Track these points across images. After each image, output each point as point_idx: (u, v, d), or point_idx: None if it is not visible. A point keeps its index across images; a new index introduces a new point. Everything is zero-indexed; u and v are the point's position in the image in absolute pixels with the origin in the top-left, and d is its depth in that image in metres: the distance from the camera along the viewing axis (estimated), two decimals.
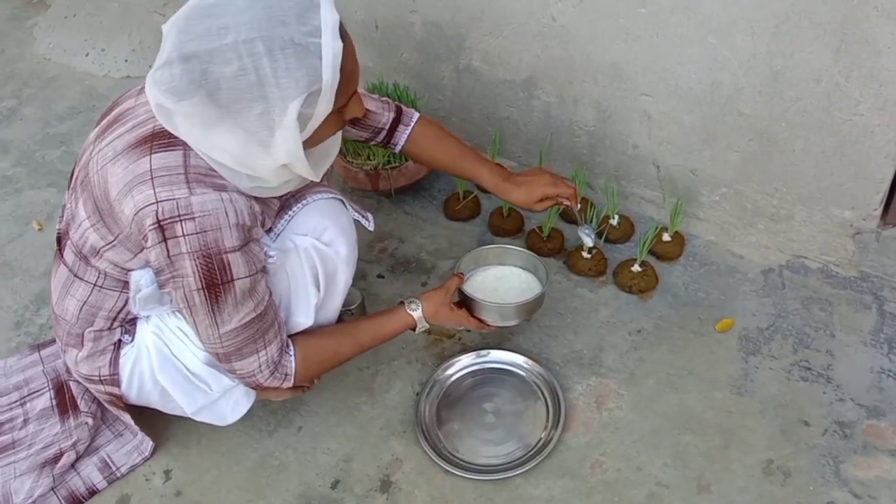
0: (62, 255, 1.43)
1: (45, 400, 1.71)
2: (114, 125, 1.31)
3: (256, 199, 1.29)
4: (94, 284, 1.39)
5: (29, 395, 1.73)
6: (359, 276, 1.88)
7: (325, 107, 1.17)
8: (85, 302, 1.41)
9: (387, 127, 1.63)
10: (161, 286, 1.30)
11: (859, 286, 1.72)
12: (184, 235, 1.20)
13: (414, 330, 1.53)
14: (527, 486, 1.47)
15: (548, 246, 1.87)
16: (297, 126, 1.15)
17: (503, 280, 1.64)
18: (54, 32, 2.91)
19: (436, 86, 2.11)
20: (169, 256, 1.22)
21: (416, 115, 1.66)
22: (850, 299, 1.70)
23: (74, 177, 1.40)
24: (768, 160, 1.66)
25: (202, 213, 1.20)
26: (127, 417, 1.56)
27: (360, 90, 1.34)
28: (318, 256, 1.40)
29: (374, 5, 2.05)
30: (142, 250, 1.28)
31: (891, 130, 1.48)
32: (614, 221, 1.89)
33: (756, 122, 1.62)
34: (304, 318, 1.43)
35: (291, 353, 1.40)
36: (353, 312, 1.70)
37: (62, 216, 1.45)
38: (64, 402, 1.69)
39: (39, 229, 2.16)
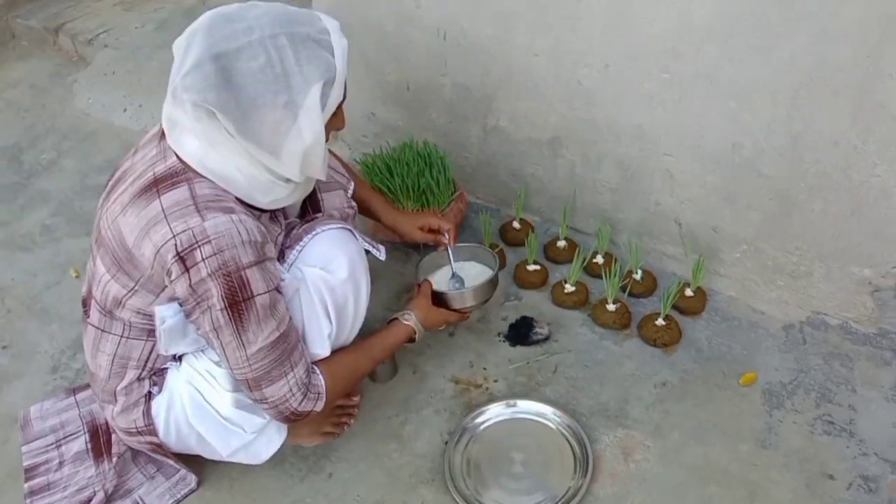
0: (88, 317, 1.50)
1: (80, 443, 1.75)
2: (117, 185, 1.40)
3: (263, 219, 1.39)
4: (121, 336, 1.45)
5: (65, 437, 1.77)
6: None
7: (338, 94, 1.31)
8: (115, 354, 1.47)
9: (350, 189, 1.74)
10: (188, 315, 1.36)
11: (879, 343, 1.75)
12: (203, 260, 1.27)
13: (413, 339, 1.65)
14: None
15: (572, 298, 1.92)
16: (320, 106, 1.27)
17: (460, 274, 1.82)
18: (94, 88, 3.04)
19: (463, 144, 2.19)
20: (191, 285, 1.29)
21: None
22: (870, 355, 1.73)
23: (91, 242, 1.48)
24: (788, 219, 1.72)
25: (217, 235, 1.27)
26: (171, 462, 1.60)
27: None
28: (325, 287, 1.46)
29: (407, 68, 2.15)
30: (163, 290, 1.35)
31: None
32: (637, 276, 1.94)
33: (776, 183, 1.69)
34: (320, 350, 1.49)
35: (318, 371, 1.45)
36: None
37: (84, 284, 1.52)
38: (98, 445, 1.73)
39: (77, 277, 2.23)
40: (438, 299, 1.72)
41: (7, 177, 2.67)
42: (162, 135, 1.38)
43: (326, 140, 1.38)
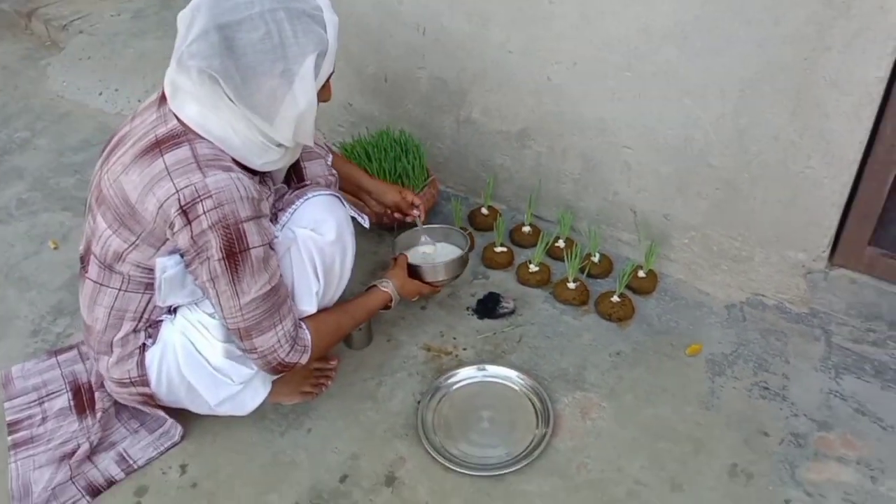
0: (87, 273, 1.58)
1: (63, 400, 1.81)
2: (117, 148, 1.49)
3: (257, 180, 1.51)
4: (119, 289, 1.53)
5: (47, 395, 1.83)
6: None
7: (329, 65, 1.44)
8: (112, 307, 1.55)
9: (328, 159, 1.86)
10: (188, 265, 1.46)
11: (810, 321, 1.94)
12: (205, 213, 1.38)
13: (389, 305, 1.78)
14: (520, 483, 1.62)
15: (535, 277, 2.07)
16: (314, 75, 1.40)
17: (430, 253, 1.98)
18: (68, 72, 3.09)
19: (437, 134, 2.33)
20: (193, 236, 1.40)
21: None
22: (803, 332, 1.92)
23: (88, 202, 1.57)
24: (733, 207, 1.91)
25: (217, 190, 1.38)
26: (160, 413, 1.68)
27: None
28: (315, 248, 1.59)
29: (385, 61, 2.28)
30: (164, 243, 1.45)
31: (836, 183, 1.73)
32: (596, 259, 2.10)
33: (723, 173, 1.87)
34: (308, 307, 1.60)
35: (305, 327, 1.57)
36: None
37: (82, 242, 1.60)
38: (81, 402, 1.80)
39: (55, 248, 2.29)
40: (413, 272, 1.85)
41: None
42: (160, 101, 1.48)
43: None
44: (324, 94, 1.52)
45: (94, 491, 1.64)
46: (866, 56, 1.54)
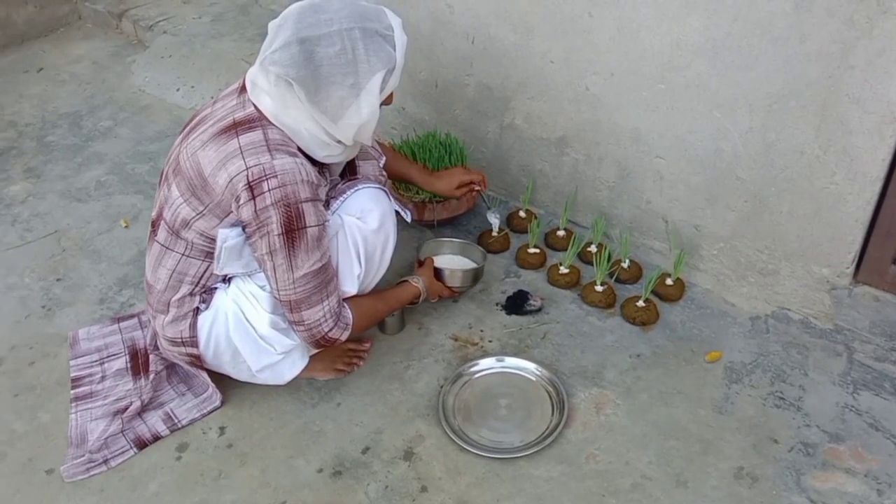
0: (156, 236, 1.74)
1: (121, 362, 1.99)
2: (197, 127, 1.67)
3: (317, 169, 1.66)
4: (183, 254, 1.70)
5: (108, 357, 2.02)
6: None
7: (395, 81, 1.60)
8: (174, 270, 1.72)
9: (382, 161, 2.00)
10: (249, 237, 1.61)
11: (834, 337, 1.96)
12: (269, 190, 1.54)
13: (417, 300, 1.93)
14: (529, 468, 1.71)
15: (565, 279, 2.15)
16: (379, 90, 1.56)
17: (452, 261, 2.14)
18: (150, 69, 3.33)
19: (481, 139, 2.44)
20: (256, 210, 1.55)
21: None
22: (825, 347, 1.95)
23: (164, 173, 1.74)
24: (759, 220, 1.95)
25: (282, 171, 1.54)
26: (204, 375, 1.83)
27: None
28: (359, 234, 1.75)
29: (437, 68, 2.41)
30: (227, 215, 1.61)
31: (860, 199, 1.76)
32: (625, 264, 2.17)
33: (750, 186, 1.92)
34: (350, 287, 1.75)
35: (347, 307, 1.72)
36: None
37: (154, 208, 1.77)
38: (137, 365, 1.97)
39: (126, 226, 2.50)
40: (436, 274, 2.01)
41: (68, 139, 2.95)
42: (241, 90, 1.66)
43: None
44: (387, 100, 1.68)
45: (142, 444, 1.81)
46: (889, 75, 1.58)
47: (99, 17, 3.75)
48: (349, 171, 1.92)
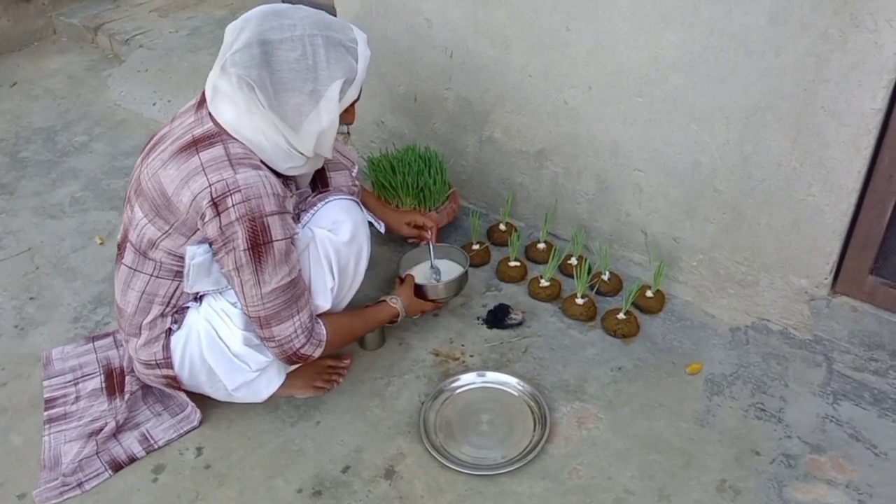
0: (122, 259, 1.72)
1: (95, 382, 1.96)
2: (157, 146, 1.64)
3: (282, 181, 1.63)
4: (151, 275, 1.67)
5: (82, 377, 1.98)
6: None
7: (353, 92, 1.58)
8: (143, 291, 1.69)
9: (354, 171, 1.99)
10: (215, 254, 1.59)
11: (813, 348, 1.97)
12: (233, 206, 1.51)
13: (396, 320, 1.90)
14: (512, 484, 1.69)
15: (546, 292, 2.15)
16: (338, 98, 1.54)
17: (432, 271, 2.11)
18: (126, 83, 3.30)
19: (461, 152, 2.44)
20: (221, 227, 1.53)
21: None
22: (804, 357, 1.95)
23: (128, 194, 1.72)
24: (738, 231, 1.96)
25: (246, 186, 1.52)
26: (182, 395, 1.80)
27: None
28: (331, 247, 1.72)
29: (415, 82, 2.40)
30: (194, 233, 1.58)
31: (837, 210, 1.77)
32: (605, 277, 2.17)
33: (729, 198, 1.93)
34: (323, 301, 1.72)
35: (321, 322, 1.69)
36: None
37: (120, 231, 1.75)
38: (112, 385, 1.94)
39: (101, 243, 2.46)
40: (418, 290, 1.98)
41: (42, 154, 2.92)
42: (198, 105, 1.63)
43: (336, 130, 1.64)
44: (348, 117, 1.68)
45: (117, 466, 1.77)
46: (863, 88, 1.59)
47: (74, 31, 3.72)
48: (320, 183, 1.90)
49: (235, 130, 1.57)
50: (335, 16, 2.41)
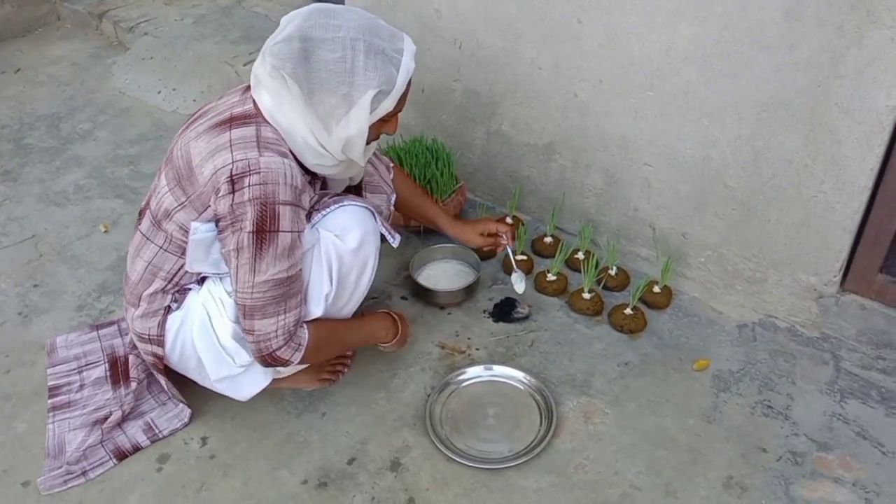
0: (139, 225, 1.71)
1: (100, 371, 1.95)
2: (198, 119, 1.63)
3: (304, 175, 1.61)
4: (160, 247, 1.65)
5: (86, 365, 1.97)
6: (385, 297, 2.15)
7: (389, 104, 1.54)
8: (150, 262, 1.67)
9: (393, 199, 1.98)
10: (221, 231, 1.56)
11: (820, 345, 1.97)
12: (249, 186, 1.49)
13: (385, 343, 1.87)
14: (518, 478, 1.69)
15: (553, 286, 2.14)
16: (370, 107, 1.51)
17: (446, 270, 2.17)
18: (131, 70, 3.28)
19: (468, 145, 2.42)
20: (233, 204, 1.50)
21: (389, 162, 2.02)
22: (812, 355, 1.95)
23: (162, 164, 1.69)
24: (747, 228, 1.95)
25: (266, 169, 1.50)
26: (163, 380, 1.78)
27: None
28: (334, 252, 1.65)
29: (423, 73, 2.39)
30: (206, 209, 1.56)
31: (848, 207, 1.76)
32: (613, 272, 2.16)
33: (739, 194, 1.92)
34: (314, 307, 1.65)
35: (305, 328, 1.63)
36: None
37: (146, 196, 1.73)
38: (117, 373, 1.93)
39: (105, 231, 2.45)
40: (425, 292, 2.00)
41: (46, 141, 2.90)
42: (246, 88, 1.63)
43: (375, 139, 1.64)
44: (387, 127, 1.64)
45: (121, 455, 1.76)
46: (878, 85, 1.58)
47: (78, 18, 3.70)
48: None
49: (272, 116, 1.56)
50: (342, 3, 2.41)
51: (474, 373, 1.91)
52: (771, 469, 1.69)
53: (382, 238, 1.76)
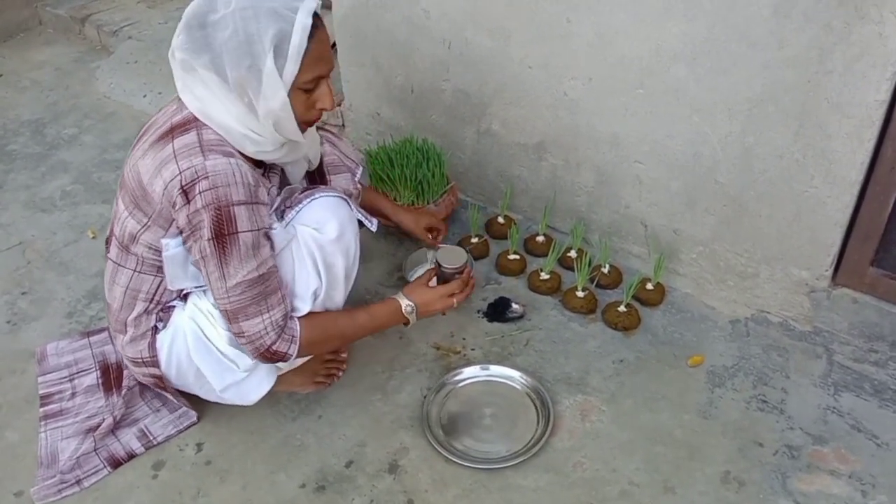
0: (108, 253, 1.69)
1: (91, 378, 1.93)
2: (142, 137, 1.59)
3: (256, 168, 1.57)
4: (134, 270, 1.63)
5: (78, 372, 1.95)
6: (378, 299, 2.14)
7: (292, 66, 1.45)
8: (127, 287, 1.65)
9: (357, 174, 1.94)
10: (185, 243, 1.54)
11: (813, 339, 1.98)
12: (200, 193, 1.45)
13: (406, 322, 1.79)
14: (516, 478, 1.69)
15: (546, 285, 2.14)
16: (276, 72, 1.43)
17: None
18: (115, 74, 3.25)
19: (458, 145, 2.42)
20: (189, 215, 1.47)
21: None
22: (805, 349, 1.96)
23: (118, 187, 1.67)
24: (739, 223, 1.96)
25: (214, 173, 1.46)
26: (168, 395, 1.77)
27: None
28: (315, 245, 1.62)
29: (413, 73, 2.38)
30: (171, 224, 1.53)
31: (839, 202, 1.78)
32: (605, 269, 2.17)
33: (730, 190, 1.93)
34: (302, 304, 1.63)
35: (295, 320, 1.61)
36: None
37: (109, 224, 1.70)
38: (109, 381, 1.91)
39: (93, 237, 2.42)
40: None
41: (31, 147, 2.87)
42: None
43: (312, 116, 1.56)
44: (318, 98, 1.54)
45: (115, 462, 1.75)
46: (866, 80, 1.59)
47: (61, 23, 3.66)
48: (320, 181, 1.85)
49: (204, 115, 1.50)
50: (330, 5, 2.41)
51: (471, 373, 1.90)
52: (768, 463, 1.70)
53: (360, 224, 1.73)
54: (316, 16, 1.48)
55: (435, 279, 1.85)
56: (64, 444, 1.78)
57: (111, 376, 1.92)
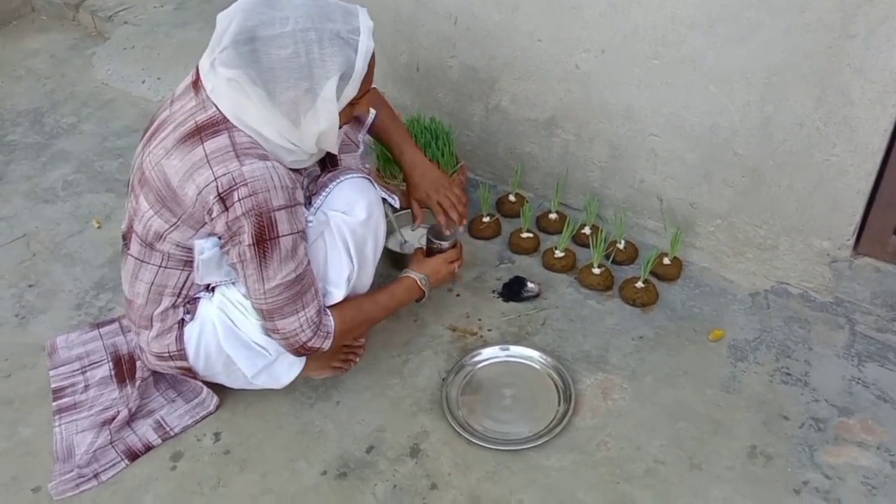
0: (128, 249, 1.64)
1: (104, 370, 1.90)
2: (158, 132, 1.54)
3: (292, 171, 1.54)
4: (160, 266, 1.60)
5: (90, 365, 1.92)
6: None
7: (352, 89, 1.46)
8: (152, 283, 1.62)
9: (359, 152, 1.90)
10: (223, 247, 1.53)
11: (834, 310, 1.95)
12: (240, 200, 1.43)
13: (421, 297, 1.82)
14: (540, 458, 1.66)
15: (561, 263, 2.10)
16: (335, 97, 1.43)
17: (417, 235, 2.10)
18: (113, 61, 3.19)
19: (466, 122, 2.38)
20: (228, 222, 1.45)
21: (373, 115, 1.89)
22: (826, 320, 1.93)
23: (130, 182, 1.63)
24: (758, 195, 1.93)
25: (252, 179, 1.43)
26: (198, 382, 1.76)
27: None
28: (347, 229, 1.63)
29: (418, 50, 2.33)
30: (203, 226, 1.51)
31: (861, 170, 1.74)
32: (621, 245, 2.13)
33: (748, 161, 1.89)
34: (336, 290, 1.64)
35: (329, 314, 1.61)
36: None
37: (124, 220, 1.66)
38: (122, 372, 1.88)
39: (98, 227, 2.38)
40: (393, 258, 1.97)
41: (30, 137, 2.82)
42: (195, 86, 1.51)
43: (347, 122, 1.56)
44: (358, 108, 1.56)
45: (133, 455, 1.72)
46: (891, 43, 1.55)
47: (54, 9, 3.58)
48: (329, 163, 1.83)
49: (238, 120, 1.46)
50: None
51: (490, 353, 1.88)
52: (794, 436, 1.68)
53: (383, 200, 1.75)
54: None
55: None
56: (79, 438, 1.75)
57: (124, 367, 1.89)
